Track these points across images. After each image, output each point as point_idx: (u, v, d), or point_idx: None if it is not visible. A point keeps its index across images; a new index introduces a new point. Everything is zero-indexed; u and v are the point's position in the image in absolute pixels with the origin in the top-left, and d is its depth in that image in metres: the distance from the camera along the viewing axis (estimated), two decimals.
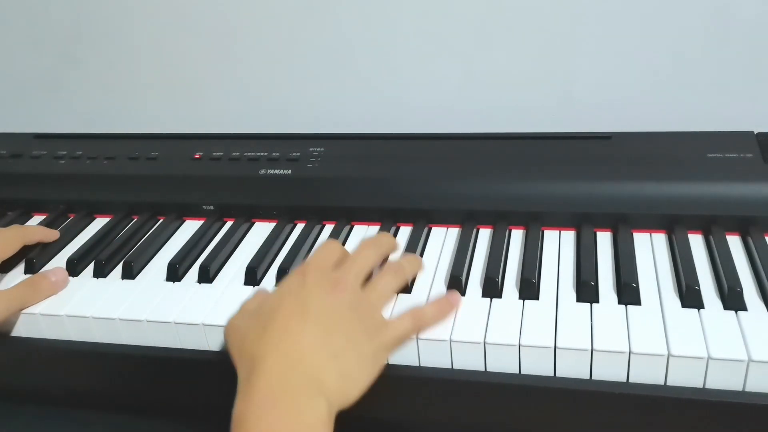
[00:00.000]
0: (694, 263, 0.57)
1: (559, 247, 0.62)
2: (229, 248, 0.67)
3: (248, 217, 0.72)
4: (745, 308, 0.52)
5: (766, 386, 0.48)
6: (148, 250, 0.68)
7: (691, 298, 0.53)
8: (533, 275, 0.57)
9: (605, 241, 0.62)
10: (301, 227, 0.69)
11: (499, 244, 0.62)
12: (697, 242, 0.61)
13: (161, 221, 0.73)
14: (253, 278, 0.62)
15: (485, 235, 0.65)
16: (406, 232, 0.67)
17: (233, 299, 0.59)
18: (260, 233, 0.69)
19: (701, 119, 0.75)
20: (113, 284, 0.64)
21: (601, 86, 0.80)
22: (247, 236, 0.70)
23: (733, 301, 0.53)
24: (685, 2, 0.74)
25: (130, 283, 0.64)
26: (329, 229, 0.69)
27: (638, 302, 0.54)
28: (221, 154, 0.75)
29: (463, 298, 0.57)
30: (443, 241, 0.65)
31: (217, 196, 0.72)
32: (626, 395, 0.49)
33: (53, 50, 0.94)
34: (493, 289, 0.57)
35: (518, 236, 0.64)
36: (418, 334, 0.53)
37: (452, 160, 0.70)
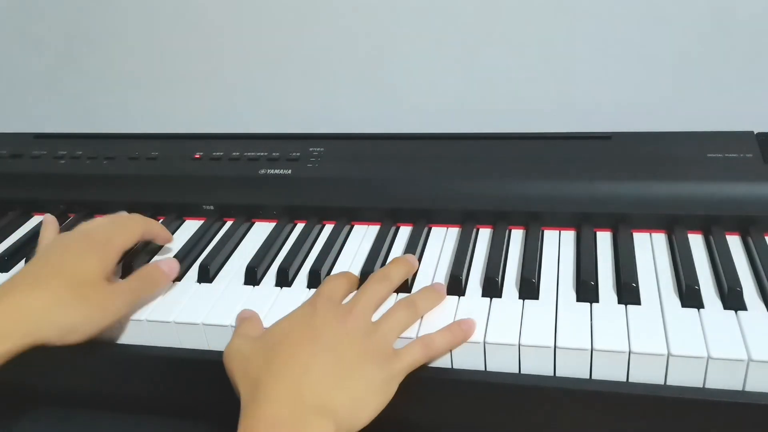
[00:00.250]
0: (694, 263, 0.57)
1: (559, 247, 0.62)
2: (229, 248, 0.67)
3: (248, 217, 0.72)
4: (745, 308, 0.52)
5: (766, 386, 0.48)
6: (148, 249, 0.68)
7: (691, 297, 0.53)
8: (533, 275, 0.57)
9: (605, 241, 0.62)
10: (301, 227, 0.69)
11: (499, 244, 0.62)
12: (697, 242, 0.61)
13: (161, 221, 0.72)
14: (253, 278, 0.62)
15: (485, 235, 0.65)
16: (406, 232, 0.67)
17: (233, 299, 0.59)
18: (260, 233, 0.69)
19: (701, 119, 0.75)
20: None
21: (601, 86, 0.80)
22: (247, 236, 0.70)
23: (733, 300, 0.53)
24: (685, 2, 0.74)
25: None
26: (329, 229, 0.69)
27: (638, 302, 0.54)
28: (221, 154, 0.75)
29: (463, 298, 0.57)
30: (443, 241, 0.65)
31: (217, 196, 0.72)
32: (626, 395, 0.49)
33: (53, 50, 0.94)
34: (493, 288, 0.57)
35: (518, 236, 0.64)
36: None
37: (452, 160, 0.70)
